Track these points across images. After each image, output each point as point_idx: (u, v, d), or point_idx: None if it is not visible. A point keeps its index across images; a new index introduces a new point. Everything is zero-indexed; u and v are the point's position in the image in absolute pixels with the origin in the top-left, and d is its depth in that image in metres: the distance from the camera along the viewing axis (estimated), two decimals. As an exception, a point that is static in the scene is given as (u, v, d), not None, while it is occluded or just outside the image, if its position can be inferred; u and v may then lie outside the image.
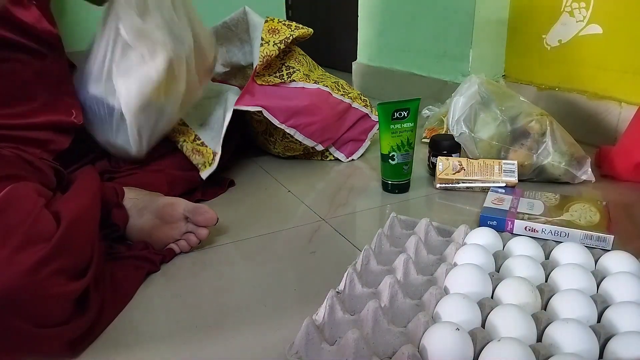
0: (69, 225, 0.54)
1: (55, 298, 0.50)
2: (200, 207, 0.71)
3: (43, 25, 0.71)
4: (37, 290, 0.48)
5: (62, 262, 0.51)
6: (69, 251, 0.52)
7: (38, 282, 0.48)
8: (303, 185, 0.97)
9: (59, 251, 0.51)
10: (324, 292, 0.54)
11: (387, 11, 1.67)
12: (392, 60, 1.66)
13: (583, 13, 1.16)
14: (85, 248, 0.56)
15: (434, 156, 0.96)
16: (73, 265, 0.53)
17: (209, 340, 0.55)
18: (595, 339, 0.47)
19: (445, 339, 0.46)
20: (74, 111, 0.75)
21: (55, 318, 0.50)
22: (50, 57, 0.73)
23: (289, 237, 0.78)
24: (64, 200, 0.60)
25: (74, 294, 0.52)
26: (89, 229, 0.59)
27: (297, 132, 0.99)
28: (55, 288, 0.50)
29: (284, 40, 1.00)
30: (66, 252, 0.52)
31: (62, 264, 0.51)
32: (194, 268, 0.70)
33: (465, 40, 1.37)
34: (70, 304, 0.52)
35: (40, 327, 0.48)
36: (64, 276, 0.51)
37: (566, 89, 1.22)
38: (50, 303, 0.49)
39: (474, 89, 0.97)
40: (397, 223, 0.74)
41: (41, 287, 0.48)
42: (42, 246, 0.49)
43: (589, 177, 0.92)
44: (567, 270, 0.57)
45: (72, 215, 0.56)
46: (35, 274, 0.48)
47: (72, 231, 0.54)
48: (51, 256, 0.49)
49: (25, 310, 0.47)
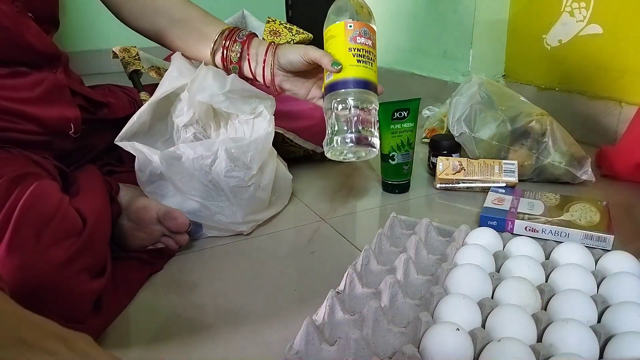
0: (94, 223, 0.54)
1: (81, 295, 0.50)
2: (172, 212, 0.69)
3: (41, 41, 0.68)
4: (66, 285, 0.48)
5: (88, 260, 0.52)
6: (93, 249, 0.53)
7: (67, 277, 0.48)
8: (303, 185, 0.96)
9: (86, 248, 0.51)
10: (324, 292, 0.54)
11: (388, 11, 1.67)
12: (392, 60, 1.66)
13: (583, 13, 1.16)
14: (103, 247, 0.57)
15: (434, 156, 0.96)
16: (95, 263, 0.54)
17: (209, 340, 0.55)
18: (595, 339, 0.47)
19: (446, 339, 0.46)
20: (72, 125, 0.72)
21: (78, 316, 0.51)
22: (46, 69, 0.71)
23: (289, 237, 0.78)
24: (80, 199, 0.60)
25: (96, 292, 0.53)
26: (106, 229, 0.60)
27: (297, 136, 0.99)
28: (81, 285, 0.50)
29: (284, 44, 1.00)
30: (91, 250, 0.53)
31: (87, 261, 0.52)
32: (194, 268, 0.70)
33: (465, 40, 1.37)
34: (91, 302, 0.53)
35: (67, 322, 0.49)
36: (88, 274, 0.52)
37: (566, 89, 1.21)
38: (76, 299, 0.50)
39: (474, 89, 0.97)
40: (397, 223, 0.74)
41: (70, 283, 0.49)
42: (72, 241, 0.50)
43: (589, 177, 0.92)
44: (567, 271, 0.57)
45: (95, 214, 0.56)
46: (66, 269, 0.48)
47: (96, 229, 0.54)
48: (80, 253, 0.50)
49: (54, 304, 0.48)
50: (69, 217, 0.53)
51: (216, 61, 0.78)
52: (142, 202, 0.71)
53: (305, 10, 2.43)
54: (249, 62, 0.76)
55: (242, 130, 0.77)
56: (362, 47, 0.67)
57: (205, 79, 0.73)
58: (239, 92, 0.74)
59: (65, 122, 0.70)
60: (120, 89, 0.90)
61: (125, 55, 1.00)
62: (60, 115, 0.70)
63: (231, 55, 0.76)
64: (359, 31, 0.67)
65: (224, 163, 0.70)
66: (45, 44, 0.67)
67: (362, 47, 0.67)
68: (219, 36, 0.76)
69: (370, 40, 0.68)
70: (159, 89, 0.73)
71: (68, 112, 0.71)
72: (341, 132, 0.66)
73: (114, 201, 0.71)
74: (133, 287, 0.64)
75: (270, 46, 0.75)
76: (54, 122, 0.69)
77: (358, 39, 0.67)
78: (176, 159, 0.71)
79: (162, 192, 0.74)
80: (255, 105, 0.76)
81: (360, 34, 0.67)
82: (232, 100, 0.73)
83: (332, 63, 0.66)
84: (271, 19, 1.04)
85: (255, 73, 0.77)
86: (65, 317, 0.49)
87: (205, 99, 0.72)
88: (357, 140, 0.65)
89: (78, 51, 2.24)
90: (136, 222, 0.70)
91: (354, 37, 0.67)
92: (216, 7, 1.88)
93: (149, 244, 0.71)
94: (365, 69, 0.67)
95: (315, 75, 0.76)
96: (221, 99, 0.72)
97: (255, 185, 0.74)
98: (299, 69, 0.73)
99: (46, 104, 0.68)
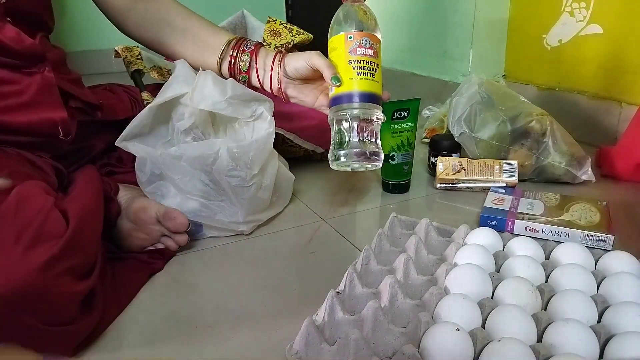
0: (78, 224, 0.54)
1: (64, 297, 0.50)
2: (171, 212, 0.69)
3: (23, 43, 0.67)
4: (47, 288, 0.48)
5: (71, 261, 0.51)
6: (77, 250, 0.53)
7: (48, 280, 0.48)
8: (303, 185, 0.96)
9: (69, 250, 0.51)
10: (324, 292, 0.54)
11: (388, 11, 1.67)
12: (392, 60, 1.66)
13: (583, 13, 1.16)
14: (91, 248, 0.57)
15: (434, 156, 0.96)
16: (80, 264, 0.54)
17: (209, 340, 0.55)
18: (595, 339, 0.47)
19: (446, 339, 0.46)
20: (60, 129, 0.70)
21: (63, 318, 0.50)
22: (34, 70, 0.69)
23: (289, 237, 0.78)
24: (69, 199, 0.59)
25: (81, 293, 0.52)
26: (94, 229, 0.60)
27: (297, 137, 0.99)
28: (64, 287, 0.50)
29: (285, 45, 1.00)
30: (75, 251, 0.52)
31: (71, 263, 0.51)
32: (194, 268, 0.70)
33: (465, 40, 1.38)
34: (77, 304, 0.52)
35: (49, 326, 0.49)
36: (72, 275, 0.52)
37: (566, 89, 1.22)
38: (59, 302, 0.50)
39: (474, 89, 0.97)
40: (397, 223, 0.74)
41: (51, 286, 0.48)
42: (52, 244, 0.49)
43: (589, 177, 0.92)
44: (567, 271, 0.57)
45: (80, 215, 0.56)
46: (46, 272, 0.48)
47: (80, 230, 0.54)
48: (61, 255, 0.50)
49: (35, 308, 0.47)
50: (51, 219, 0.52)
51: (222, 70, 0.80)
52: (141, 203, 0.71)
53: (305, 10, 2.43)
54: (257, 72, 0.78)
55: (242, 132, 0.77)
56: (363, 59, 0.67)
57: (205, 86, 0.73)
58: (239, 96, 0.74)
59: (52, 125, 0.69)
60: (122, 88, 0.90)
61: (128, 55, 1.00)
62: (47, 118, 0.68)
63: (240, 64, 0.78)
64: (359, 42, 0.67)
65: (225, 162, 0.70)
66: (24, 45, 0.66)
67: (362, 58, 0.67)
68: (225, 46, 0.78)
69: (371, 49, 0.68)
70: (162, 93, 0.73)
71: (54, 114, 0.69)
72: (345, 147, 0.67)
73: (113, 201, 0.71)
74: (133, 288, 0.64)
75: (277, 55, 0.76)
76: (40, 127, 0.68)
77: (358, 50, 0.67)
78: (177, 159, 0.71)
79: (162, 193, 0.74)
80: (255, 107, 0.77)
81: (360, 44, 0.67)
82: (233, 106, 0.74)
83: (332, 78, 0.67)
84: (271, 18, 1.04)
85: (263, 82, 0.78)
86: (48, 321, 0.48)
87: (209, 107, 0.72)
88: (359, 154, 0.66)
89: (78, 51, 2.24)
90: (136, 223, 0.70)
91: (354, 49, 0.67)
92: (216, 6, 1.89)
93: (148, 245, 0.71)
94: (367, 81, 0.67)
95: (322, 81, 0.76)
96: (223, 106, 0.73)
97: (256, 185, 0.74)
98: (305, 75, 0.74)
99: (32, 108, 0.67)
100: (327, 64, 0.69)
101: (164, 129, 0.76)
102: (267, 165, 0.77)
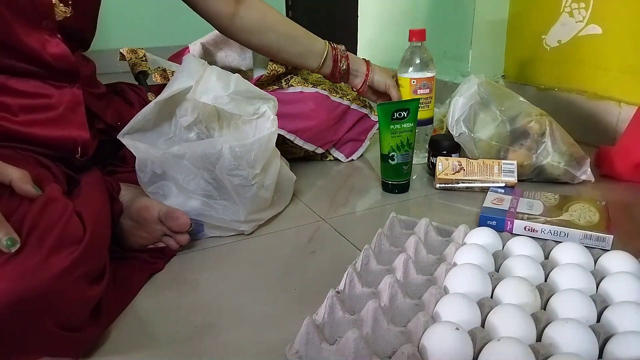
0: (94, 229, 0.54)
1: (79, 302, 0.50)
2: (173, 211, 0.69)
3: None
4: (67, 293, 0.48)
5: (87, 266, 0.51)
6: (93, 255, 0.53)
7: (68, 285, 0.48)
8: (303, 185, 0.97)
9: (87, 255, 0.51)
10: (324, 292, 0.54)
11: (387, 11, 1.67)
12: (392, 60, 1.66)
13: (583, 13, 1.16)
14: (103, 252, 0.57)
15: (433, 156, 0.96)
16: (94, 269, 0.54)
17: (209, 340, 0.56)
18: (594, 339, 0.47)
19: (445, 338, 0.46)
20: (79, 149, 0.70)
21: (76, 323, 0.51)
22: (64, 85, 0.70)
23: (289, 237, 0.78)
24: (79, 202, 0.59)
25: (94, 298, 0.53)
26: (106, 233, 0.60)
27: (297, 138, 0.99)
28: (81, 292, 0.50)
29: None
30: (91, 256, 0.52)
31: (87, 268, 0.51)
32: (195, 268, 0.70)
33: (465, 40, 1.38)
34: (88, 309, 0.52)
35: (65, 331, 0.49)
36: (87, 280, 0.52)
37: (566, 89, 1.22)
38: (75, 307, 0.50)
39: (473, 89, 0.97)
40: (396, 223, 0.74)
41: (70, 290, 0.48)
42: (73, 249, 0.50)
43: (589, 177, 0.92)
44: (566, 270, 0.58)
45: (96, 219, 0.56)
46: (66, 277, 0.48)
47: (96, 236, 0.54)
48: (81, 260, 0.50)
49: (55, 312, 0.47)
50: (71, 224, 0.52)
51: (323, 72, 1.00)
52: (143, 202, 0.71)
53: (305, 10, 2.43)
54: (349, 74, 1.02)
55: (245, 130, 0.77)
56: (422, 96, 1.00)
57: (209, 80, 0.73)
58: (242, 93, 0.74)
59: (72, 144, 0.70)
60: (130, 88, 0.90)
61: (133, 57, 1.00)
62: (69, 137, 0.69)
63: (342, 67, 1.00)
64: (419, 85, 1.00)
65: (227, 161, 0.71)
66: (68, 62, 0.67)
67: (422, 96, 1.00)
68: (328, 52, 0.97)
69: (428, 88, 1.00)
70: (168, 88, 0.74)
71: (77, 133, 0.70)
72: None
73: (116, 201, 0.71)
74: (134, 287, 0.64)
75: (368, 65, 1.02)
76: (60, 144, 0.68)
77: (419, 91, 1.00)
78: (180, 158, 0.71)
79: (163, 193, 0.74)
80: (259, 105, 0.77)
81: (420, 87, 1.00)
82: (236, 102, 0.74)
83: None
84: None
85: (352, 83, 1.04)
86: (64, 325, 0.48)
87: (210, 101, 0.72)
88: None
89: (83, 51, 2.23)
90: (137, 222, 0.70)
91: (416, 90, 1.00)
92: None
93: (150, 244, 0.71)
94: (424, 112, 1.01)
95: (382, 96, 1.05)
96: (225, 101, 0.73)
97: (258, 184, 0.74)
98: (378, 89, 1.03)
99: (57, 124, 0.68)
100: (399, 96, 1.01)
101: (167, 126, 0.76)
102: (269, 165, 0.77)
